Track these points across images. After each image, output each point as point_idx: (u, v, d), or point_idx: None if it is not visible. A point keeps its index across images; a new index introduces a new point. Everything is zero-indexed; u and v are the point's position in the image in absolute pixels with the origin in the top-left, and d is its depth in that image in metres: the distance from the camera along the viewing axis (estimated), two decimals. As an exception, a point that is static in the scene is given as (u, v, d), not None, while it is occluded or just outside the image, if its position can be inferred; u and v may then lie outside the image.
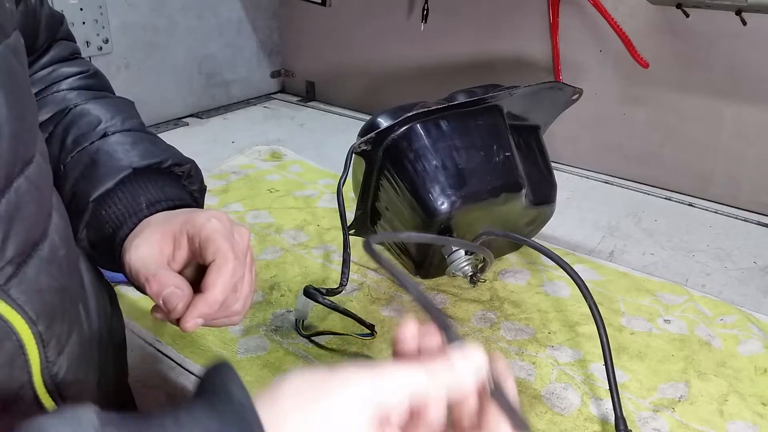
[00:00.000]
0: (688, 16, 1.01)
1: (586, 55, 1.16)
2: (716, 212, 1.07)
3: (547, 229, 0.91)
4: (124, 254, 0.47)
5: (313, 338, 0.73)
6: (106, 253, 0.50)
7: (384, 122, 0.75)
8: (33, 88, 0.54)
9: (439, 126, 0.74)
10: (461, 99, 0.77)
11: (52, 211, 0.40)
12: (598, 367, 0.69)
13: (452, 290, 0.83)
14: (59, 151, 0.51)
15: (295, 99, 1.65)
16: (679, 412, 0.64)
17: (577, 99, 0.86)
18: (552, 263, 0.70)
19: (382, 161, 0.75)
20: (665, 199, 1.12)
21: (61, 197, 0.45)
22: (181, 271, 0.48)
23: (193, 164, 0.56)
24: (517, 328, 0.76)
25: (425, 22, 1.31)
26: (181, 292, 0.45)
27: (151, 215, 0.49)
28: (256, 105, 1.59)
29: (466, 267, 0.75)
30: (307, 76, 1.64)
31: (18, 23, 0.42)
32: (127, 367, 0.55)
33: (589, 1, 1.09)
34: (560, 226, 0.98)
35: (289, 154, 1.25)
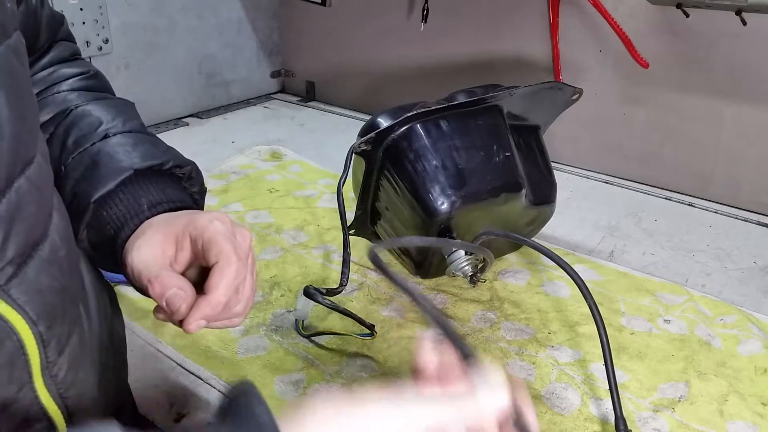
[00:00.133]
0: (688, 16, 1.01)
1: (586, 55, 1.16)
2: (716, 212, 1.07)
3: (547, 229, 0.91)
4: (126, 256, 0.47)
5: (313, 338, 0.73)
6: (107, 254, 0.50)
7: (384, 122, 0.75)
8: (33, 88, 0.54)
9: (439, 126, 0.74)
10: (461, 99, 0.77)
11: (53, 211, 0.40)
12: (598, 367, 0.69)
13: (452, 290, 0.83)
14: (60, 152, 0.51)
15: (295, 99, 1.65)
16: (679, 412, 0.64)
17: (577, 99, 0.87)
18: (552, 263, 0.70)
19: (382, 161, 0.75)
20: (665, 199, 1.12)
21: (62, 198, 0.45)
22: (183, 272, 0.48)
23: (193, 166, 0.56)
24: (517, 328, 0.76)
25: (425, 22, 1.31)
26: (184, 294, 0.45)
27: (153, 217, 0.49)
28: (256, 105, 1.59)
29: (466, 267, 0.75)
30: (307, 76, 1.63)
31: (19, 23, 0.42)
32: (127, 367, 0.55)
33: (589, 1, 1.09)
34: (560, 226, 0.98)
35: (289, 154, 1.25)
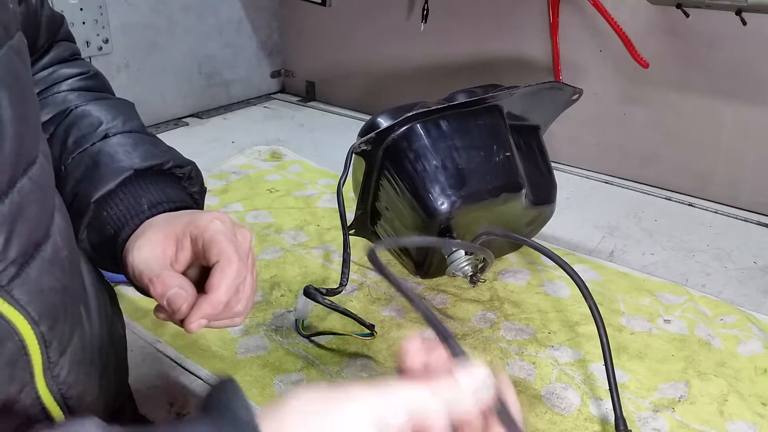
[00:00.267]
0: (688, 16, 1.01)
1: (586, 55, 1.16)
2: (716, 212, 1.07)
3: (547, 229, 0.91)
4: (127, 255, 0.47)
5: (313, 338, 0.73)
6: (108, 254, 0.50)
7: (384, 122, 0.75)
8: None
9: (439, 126, 0.74)
10: (461, 99, 0.77)
11: (55, 211, 0.40)
12: (598, 367, 0.69)
13: (452, 290, 0.83)
14: (60, 152, 0.52)
15: (295, 99, 1.65)
16: (679, 412, 0.64)
17: (577, 99, 0.87)
18: (552, 263, 0.70)
19: (382, 161, 0.75)
20: (665, 199, 1.12)
21: (62, 198, 0.45)
22: (184, 272, 0.48)
23: (193, 166, 0.56)
24: (517, 328, 0.76)
25: (425, 22, 1.31)
26: (185, 293, 0.45)
27: (153, 216, 0.50)
28: (256, 105, 1.59)
29: (466, 267, 0.75)
30: (307, 76, 1.63)
31: (19, 24, 0.42)
32: (128, 368, 0.55)
33: (589, 1, 1.09)
34: (560, 226, 0.98)
35: (289, 154, 1.25)
